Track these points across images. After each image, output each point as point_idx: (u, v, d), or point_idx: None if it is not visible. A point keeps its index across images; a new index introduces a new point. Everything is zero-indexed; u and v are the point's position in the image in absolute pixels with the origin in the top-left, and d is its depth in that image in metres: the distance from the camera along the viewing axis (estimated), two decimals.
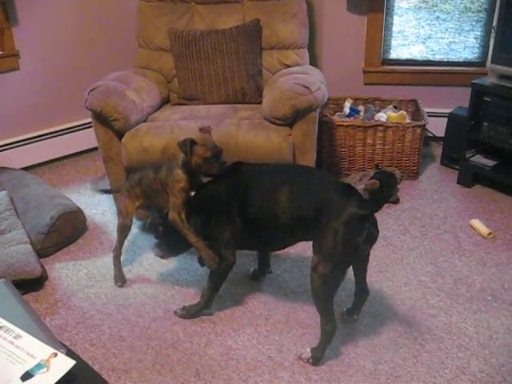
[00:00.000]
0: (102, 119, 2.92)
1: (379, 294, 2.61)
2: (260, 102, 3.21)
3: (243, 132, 2.87)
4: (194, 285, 2.73)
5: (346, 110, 3.84)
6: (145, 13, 3.53)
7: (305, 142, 2.93)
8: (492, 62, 3.30)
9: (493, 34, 3.43)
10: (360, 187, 3.20)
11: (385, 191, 3.12)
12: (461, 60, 4.00)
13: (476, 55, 3.97)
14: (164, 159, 2.84)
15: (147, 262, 2.91)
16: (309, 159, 2.96)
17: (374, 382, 2.14)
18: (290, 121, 2.88)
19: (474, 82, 3.36)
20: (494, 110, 3.30)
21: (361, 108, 3.91)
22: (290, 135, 2.88)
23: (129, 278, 2.79)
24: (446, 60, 4.03)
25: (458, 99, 3.71)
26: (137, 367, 2.26)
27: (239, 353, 2.31)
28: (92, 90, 2.97)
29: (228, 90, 3.35)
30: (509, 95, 3.20)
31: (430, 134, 3.95)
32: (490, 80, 3.33)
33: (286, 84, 2.96)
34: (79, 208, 3.15)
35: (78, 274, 2.84)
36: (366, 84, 4.07)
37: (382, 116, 3.68)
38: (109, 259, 2.90)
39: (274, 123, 2.91)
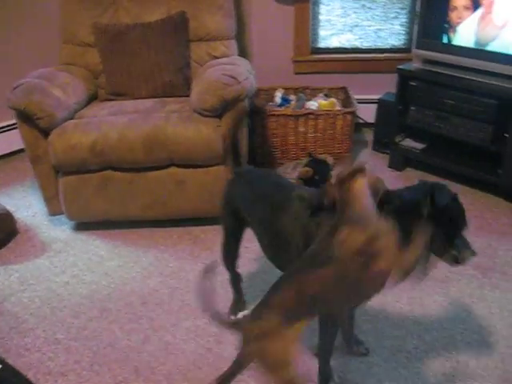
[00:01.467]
0: (26, 118, 2.84)
1: None
2: (189, 95, 3.18)
3: (172, 125, 2.84)
4: (130, 282, 2.69)
5: (278, 99, 3.86)
6: (67, 8, 3.45)
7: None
8: (416, 47, 3.38)
9: (416, 20, 3.50)
10: (294, 176, 3.23)
11: (318, 178, 3.17)
12: (388, 47, 4.09)
13: (402, 41, 4.06)
14: (94, 157, 2.79)
15: (81, 262, 2.85)
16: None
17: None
18: (218, 112, 2.87)
19: (399, 67, 3.43)
20: (419, 94, 3.37)
21: (292, 97, 3.93)
22: (219, 126, 2.87)
23: (62, 280, 2.72)
24: (373, 47, 4.11)
25: (387, 85, 3.78)
26: (74, 369, 2.21)
27: (178, 347, 2.29)
28: (15, 89, 2.89)
29: (156, 84, 3.30)
30: (433, 79, 3.29)
31: (361, 121, 4.02)
32: (414, 65, 3.40)
33: (214, 75, 2.95)
34: (8, 211, 3.05)
35: (9, 279, 2.76)
36: (296, 73, 4.11)
37: (312, 104, 3.72)
38: (41, 262, 2.84)
39: (203, 115, 2.89)
